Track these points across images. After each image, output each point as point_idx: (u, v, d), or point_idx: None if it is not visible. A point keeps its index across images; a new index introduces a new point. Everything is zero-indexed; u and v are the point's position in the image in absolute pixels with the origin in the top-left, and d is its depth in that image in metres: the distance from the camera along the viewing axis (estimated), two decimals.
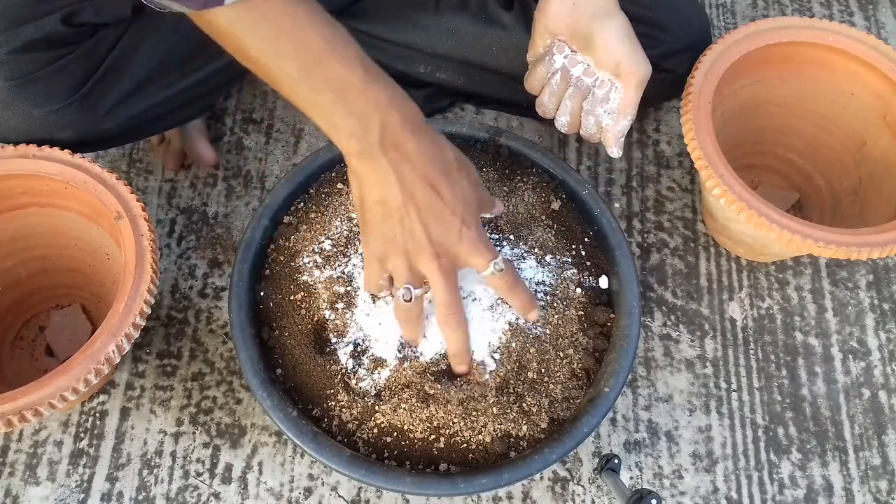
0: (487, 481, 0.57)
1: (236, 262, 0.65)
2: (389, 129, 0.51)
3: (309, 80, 0.50)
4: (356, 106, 0.50)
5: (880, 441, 0.75)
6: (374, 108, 0.51)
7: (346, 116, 0.51)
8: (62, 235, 0.72)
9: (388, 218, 0.54)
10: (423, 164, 0.52)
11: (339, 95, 0.50)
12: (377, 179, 0.52)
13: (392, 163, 0.52)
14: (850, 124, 0.78)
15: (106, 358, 0.58)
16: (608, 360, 0.63)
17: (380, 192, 0.53)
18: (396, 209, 0.53)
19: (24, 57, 0.62)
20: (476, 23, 0.79)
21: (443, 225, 0.53)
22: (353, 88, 0.50)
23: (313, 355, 0.62)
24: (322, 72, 0.50)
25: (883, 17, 1.02)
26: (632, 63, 0.63)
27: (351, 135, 0.51)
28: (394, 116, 0.51)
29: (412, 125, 0.52)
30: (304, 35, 0.49)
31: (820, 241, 0.64)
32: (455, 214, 0.54)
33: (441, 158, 0.54)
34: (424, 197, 0.53)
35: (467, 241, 0.54)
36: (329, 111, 0.51)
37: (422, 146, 0.52)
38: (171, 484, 0.70)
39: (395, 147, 0.52)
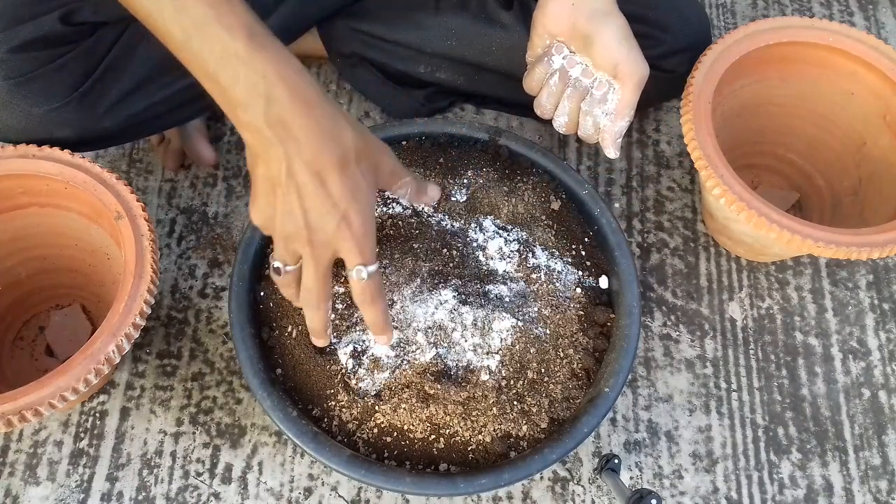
0: (487, 481, 0.57)
1: (236, 262, 0.65)
2: (276, 104, 0.49)
3: (191, 45, 0.48)
4: (240, 76, 0.48)
5: (880, 441, 0.75)
6: (259, 78, 0.48)
7: (232, 86, 0.48)
8: (62, 235, 0.72)
9: (271, 194, 0.52)
10: (311, 147, 0.50)
11: (222, 63, 0.48)
12: (264, 153, 0.50)
13: (279, 139, 0.49)
14: (850, 124, 0.78)
15: (106, 358, 0.58)
16: (608, 360, 0.63)
17: (266, 167, 0.51)
18: (279, 188, 0.51)
19: (23, 56, 0.62)
20: (476, 23, 0.79)
21: (321, 216, 0.51)
22: (237, 58, 0.48)
23: (313, 355, 0.62)
24: (204, 38, 0.48)
25: (883, 17, 1.02)
26: (630, 64, 0.63)
27: (237, 105, 0.49)
28: (280, 90, 0.48)
29: (304, 101, 0.49)
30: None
31: (820, 241, 0.64)
32: (336, 208, 0.51)
33: (335, 142, 0.50)
34: (306, 182, 0.50)
35: (344, 236, 0.52)
36: (214, 79, 0.49)
37: (311, 127, 0.49)
38: (171, 484, 0.70)
39: (282, 124, 0.49)
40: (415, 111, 0.86)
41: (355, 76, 0.88)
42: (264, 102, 0.48)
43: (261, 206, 0.53)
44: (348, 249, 0.52)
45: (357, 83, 0.89)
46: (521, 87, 0.82)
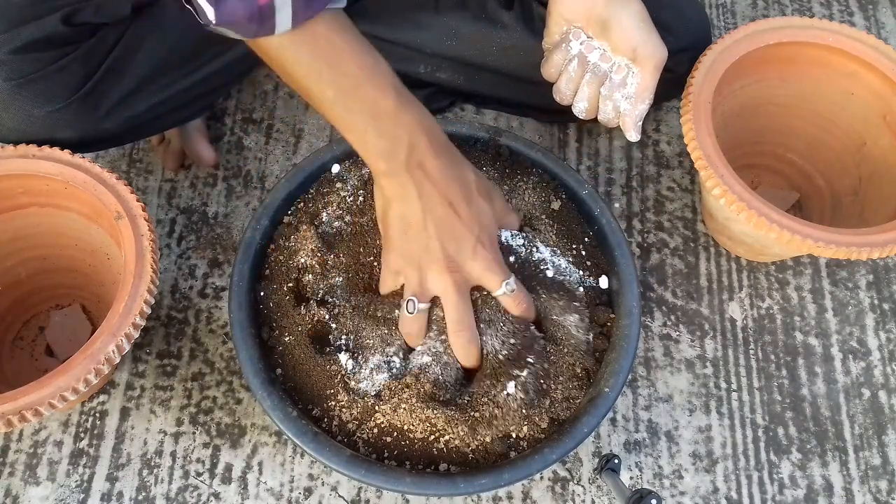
0: (487, 481, 0.57)
1: (236, 262, 0.65)
2: (416, 151, 0.55)
3: (344, 104, 0.54)
4: (387, 129, 0.54)
5: (880, 441, 0.75)
6: (403, 131, 0.54)
7: (378, 138, 0.54)
8: (62, 235, 0.72)
9: (406, 233, 0.57)
10: (444, 184, 0.56)
11: (373, 118, 0.54)
12: (400, 196, 0.56)
13: (415, 181, 0.55)
14: (850, 124, 0.78)
15: (106, 358, 0.58)
16: (608, 360, 0.63)
17: (401, 208, 0.56)
18: (415, 224, 0.56)
19: (24, 57, 0.62)
20: (476, 22, 0.79)
21: (458, 242, 0.57)
22: (386, 113, 0.54)
23: (313, 355, 0.62)
24: (357, 97, 0.54)
25: (883, 17, 1.02)
26: (648, 47, 0.64)
27: (380, 155, 0.55)
28: (421, 139, 0.55)
29: (437, 147, 0.56)
30: (342, 62, 0.53)
31: (820, 241, 0.64)
32: (471, 232, 0.57)
33: (462, 180, 0.57)
34: (443, 214, 0.56)
35: (481, 258, 0.57)
36: (362, 132, 0.54)
37: (444, 167, 0.56)
38: (171, 484, 0.70)
39: (420, 166, 0.55)
40: None
41: None
42: (407, 150, 0.55)
43: (396, 246, 0.58)
44: (487, 270, 0.58)
45: None
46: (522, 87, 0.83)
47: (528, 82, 0.81)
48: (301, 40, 0.52)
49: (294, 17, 0.50)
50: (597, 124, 0.90)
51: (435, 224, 0.56)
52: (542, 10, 0.78)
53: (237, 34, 0.51)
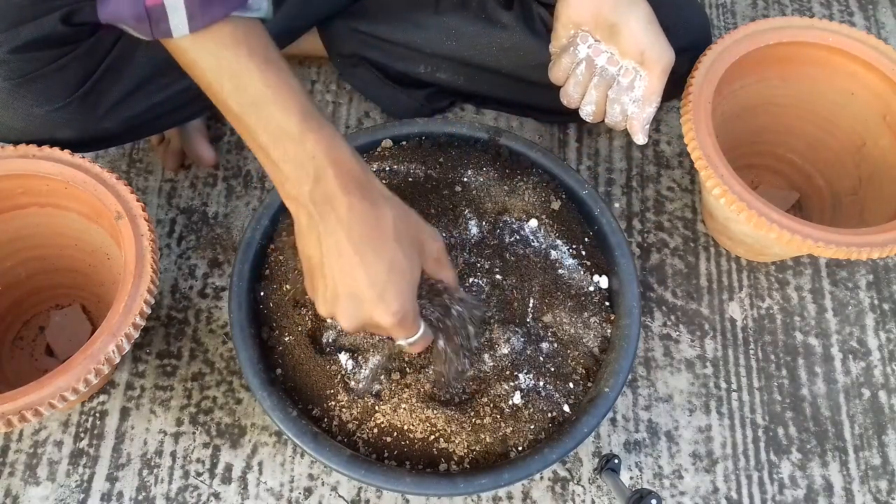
0: (487, 481, 0.57)
1: (236, 262, 0.65)
2: (322, 183, 0.50)
3: (246, 121, 0.50)
4: (291, 155, 0.50)
5: (880, 441, 0.75)
6: (308, 159, 0.50)
7: (282, 163, 0.50)
8: (62, 235, 0.72)
9: (311, 272, 0.53)
10: (352, 226, 0.50)
11: (275, 140, 0.50)
12: (305, 230, 0.52)
13: (321, 217, 0.50)
14: (850, 124, 0.78)
15: (106, 358, 0.58)
16: (608, 360, 0.63)
17: (305, 244, 0.52)
18: (318, 267, 0.51)
19: (23, 56, 0.62)
20: (476, 23, 0.79)
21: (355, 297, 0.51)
22: (290, 137, 0.50)
23: (313, 355, 0.62)
24: (260, 116, 0.50)
25: (883, 17, 1.02)
26: (656, 50, 0.64)
27: (285, 180, 0.51)
28: (328, 171, 0.50)
29: (348, 181, 0.50)
30: (245, 77, 0.49)
31: (820, 241, 0.64)
32: (373, 287, 0.50)
33: (376, 222, 0.50)
34: (344, 261, 0.50)
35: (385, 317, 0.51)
36: (266, 153, 0.51)
37: (354, 205, 0.50)
38: (171, 484, 0.70)
39: (327, 201, 0.50)
40: (415, 111, 0.87)
41: (355, 76, 0.88)
42: (312, 181, 0.50)
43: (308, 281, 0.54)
44: (388, 329, 0.52)
45: (357, 83, 0.89)
46: (521, 87, 0.82)
47: (528, 82, 0.81)
48: (202, 47, 0.49)
49: (190, 22, 0.48)
50: (597, 125, 0.90)
51: (333, 274, 0.51)
52: (542, 10, 0.78)
53: (135, 32, 0.50)
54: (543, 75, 0.76)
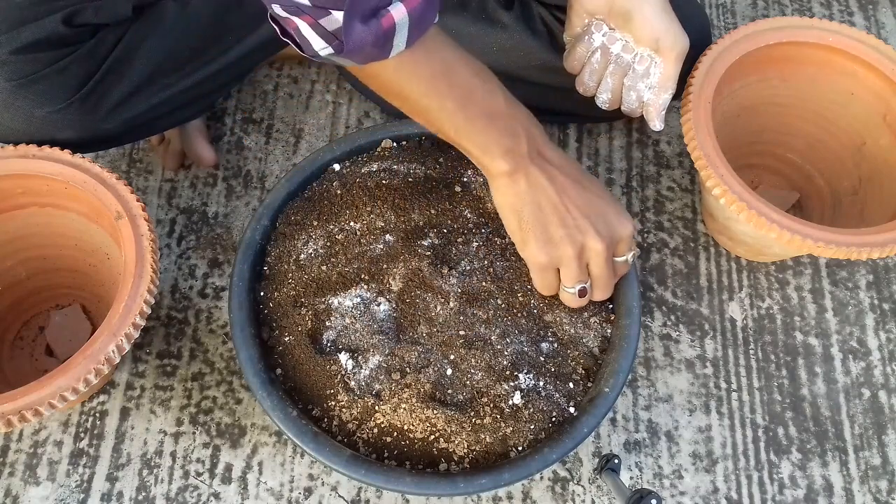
0: (487, 481, 0.57)
1: (236, 262, 0.65)
2: (534, 141, 0.58)
3: (465, 113, 0.56)
4: (506, 127, 0.57)
5: (880, 441, 0.75)
6: (520, 126, 0.57)
7: (501, 137, 0.56)
8: (62, 235, 0.72)
9: (548, 219, 0.58)
10: (566, 167, 0.59)
11: (490, 121, 0.56)
12: (531, 188, 0.58)
13: (541, 169, 0.58)
14: (850, 124, 0.78)
15: (106, 358, 0.58)
16: (608, 360, 0.63)
17: (535, 198, 0.58)
18: (554, 208, 0.58)
19: (25, 57, 0.62)
20: (476, 23, 0.79)
21: (602, 214, 0.59)
22: (501, 114, 0.56)
23: (313, 355, 0.62)
24: (475, 103, 0.56)
25: (883, 17, 1.02)
26: (670, 37, 0.65)
27: (505, 153, 0.57)
28: (534, 130, 0.58)
29: (547, 139, 0.59)
30: (455, 72, 0.55)
31: (820, 241, 0.64)
32: (610, 204, 0.60)
33: (577, 164, 0.61)
34: (577, 192, 0.58)
35: (628, 226, 0.60)
36: (484, 136, 0.56)
37: (561, 155, 0.59)
38: (171, 484, 0.70)
39: (541, 155, 0.58)
40: None
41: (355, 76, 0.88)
42: (527, 142, 0.57)
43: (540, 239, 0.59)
44: (629, 237, 0.60)
45: (357, 83, 0.89)
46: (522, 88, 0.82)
47: (528, 82, 0.81)
48: (417, 59, 0.53)
49: (409, 37, 0.50)
50: (597, 125, 0.90)
51: (574, 203, 0.58)
52: (542, 10, 0.78)
53: (350, 62, 0.51)
54: (543, 75, 0.76)
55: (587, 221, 0.58)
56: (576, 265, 0.59)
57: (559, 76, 0.72)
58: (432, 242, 0.65)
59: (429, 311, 0.63)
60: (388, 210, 0.67)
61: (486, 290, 0.64)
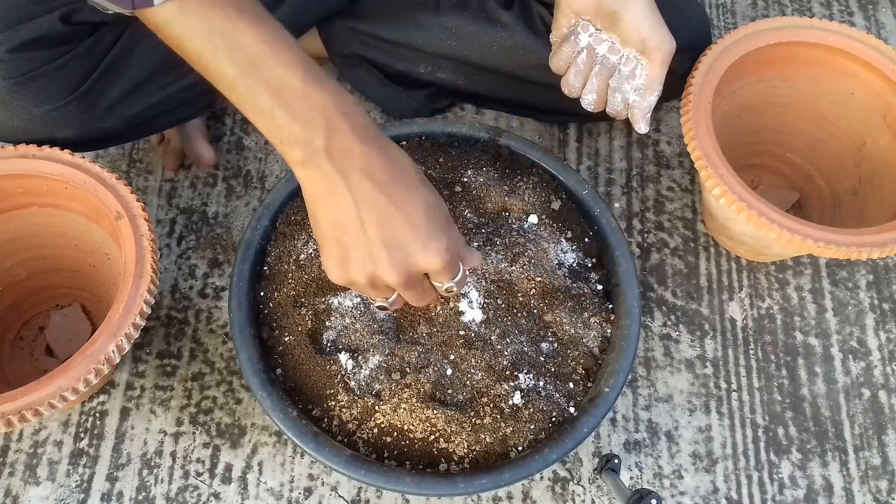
0: (487, 481, 0.57)
1: (236, 262, 0.65)
2: (336, 136, 0.47)
3: (245, 82, 0.47)
4: (298, 111, 0.47)
5: (880, 441, 0.75)
6: (318, 113, 0.47)
7: (289, 122, 0.47)
8: (62, 235, 0.72)
9: (342, 237, 0.49)
10: (377, 172, 0.48)
11: (279, 99, 0.47)
12: (326, 192, 0.48)
13: (341, 172, 0.47)
14: (850, 124, 0.78)
15: (106, 358, 0.58)
16: (608, 360, 0.63)
17: (331, 206, 0.49)
18: (351, 226, 0.48)
19: (23, 55, 0.62)
20: (476, 22, 0.79)
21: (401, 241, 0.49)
22: (295, 92, 0.47)
23: (313, 355, 0.62)
24: (260, 74, 0.47)
25: (883, 17, 1.02)
26: (657, 39, 0.64)
27: (294, 142, 0.47)
28: (340, 122, 0.47)
29: (363, 133, 0.48)
30: (238, 35, 0.47)
31: (820, 241, 0.64)
32: (417, 228, 0.49)
33: (399, 169, 0.49)
34: (378, 208, 0.48)
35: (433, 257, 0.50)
36: (269, 116, 0.47)
37: (373, 155, 0.48)
38: (171, 484, 0.70)
39: (344, 155, 0.47)
40: (415, 111, 0.87)
41: (355, 76, 0.88)
42: (324, 134, 0.47)
43: (334, 254, 0.50)
44: (438, 269, 0.50)
45: (357, 83, 0.89)
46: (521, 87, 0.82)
47: (528, 82, 0.81)
48: (190, 10, 0.47)
49: None
50: (597, 124, 0.90)
51: (372, 221, 0.48)
52: (541, 9, 0.78)
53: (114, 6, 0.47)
54: (543, 75, 0.76)
55: (383, 249, 0.48)
56: (369, 289, 0.52)
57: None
58: None
59: (429, 310, 0.63)
60: None
61: (486, 289, 0.64)
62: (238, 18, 0.47)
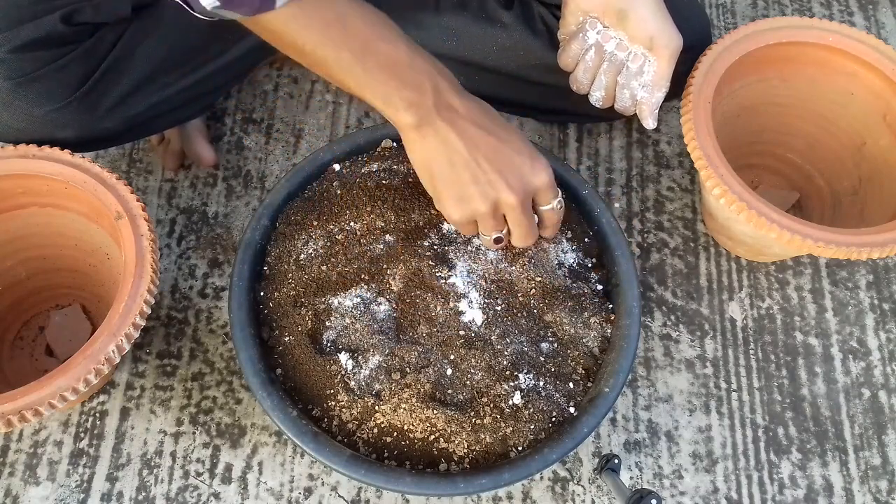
0: (487, 481, 0.57)
1: (236, 262, 0.65)
2: (441, 94, 0.56)
3: (362, 63, 0.54)
4: (408, 78, 0.55)
5: (880, 441, 0.75)
6: (424, 77, 0.55)
7: (402, 89, 0.55)
8: (62, 235, 0.72)
9: (459, 176, 0.57)
10: (476, 117, 0.57)
11: (392, 72, 0.54)
12: (440, 142, 0.57)
13: (450, 123, 0.56)
14: (850, 124, 0.78)
15: (106, 358, 0.58)
16: (608, 360, 0.63)
17: (445, 153, 0.57)
18: (465, 164, 0.57)
19: (24, 56, 0.62)
20: (476, 22, 0.79)
21: (513, 166, 0.58)
22: (402, 64, 0.55)
23: (313, 355, 0.62)
24: (372, 53, 0.54)
25: (883, 17, 1.02)
26: (664, 36, 0.65)
27: (409, 106, 0.55)
28: (442, 82, 0.56)
29: (458, 88, 0.57)
30: (350, 23, 0.53)
31: (820, 241, 0.64)
32: (522, 153, 0.58)
33: (491, 114, 0.59)
34: (487, 144, 0.57)
35: (540, 173, 0.59)
36: (384, 89, 0.55)
37: (469, 103, 0.57)
38: (171, 484, 0.70)
39: (449, 108, 0.56)
40: None
41: None
42: (433, 94, 0.56)
43: (454, 192, 0.58)
44: (546, 186, 0.59)
45: None
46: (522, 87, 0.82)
47: (528, 82, 0.81)
48: (308, 8, 0.52)
49: None
50: (597, 124, 0.90)
51: (485, 157, 0.57)
52: (542, 9, 0.78)
53: (237, 14, 0.51)
54: (544, 75, 0.76)
55: (499, 176, 0.57)
56: (491, 219, 0.59)
57: (559, 76, 0.72)
58: (432, 242, 0.65)
59: (429, 311, 0.63)
60: (389, 210, 0.67)
61: (486, 290, 0.64)
62: (347, 10, 0.54)
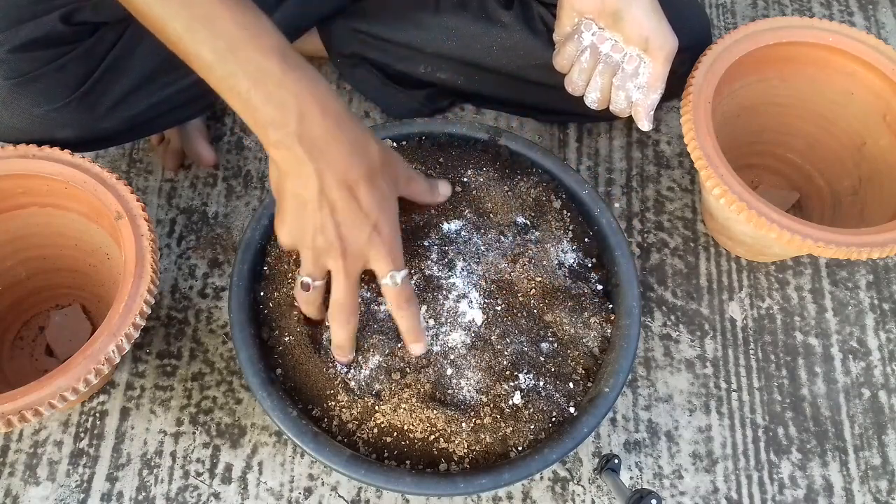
0: (487, 481, 0.57)
1: (236, 262, 0.65)
2: (308, 121, 0.50)
3: (224, 67, 0.50)
4: (274, 95, 0.50)
5: (880, 441, 0.75)
6: (292, 97, 0.50)
7: (264, 105, 0.50)
8: (62, 235, 0.72)
9: (302, 211, 0.53)
10: (342, 162, 0.52)
11: (256, 84, 0.50)
12: (295, 171, 0.52)
13: (310, 156, 0.51)
14: (850, 124, 0.78)
15: (106, 358, 0.58)
16: (608, 360, 0.63)
17: (297, 184, 0.52)
18: (311, 203, 0.53)
19: (23, 55, 0.62)
20: (476, 22, 0.79)
21: (354, 227, 0.54)
22: (271, 78, 0.50)
23: (313, 355, 0.62)
24: (237, 59, 0.49)
25: (883, 17, 1.02)
26: (660, 38, 0.65)
27: (268, 124, 0.51)
28: (313, 108, 0.50)
29: (334, 119, 0.51)
30: (218, 20, 0.49)
31: (820, 241, 0.64)
32: (367, 218, 0.54)
33: (363, 157, 0.53)
34: (339, 197, 0.52)
35: (375, 245, 0.55)
36: (245, 99, 0.50)
37: (343, 142, 0.52)
38: (171, 484, 0.70)
39: (314, 140, 0.51)
40: (415, 111, 0.87)
41: (355, 76, 0.88)
42: (296, 120, 0.50)
43: (290, 224, 0.55)
44: (380, 257, 0.55)
45: (357, 83, 0.89)
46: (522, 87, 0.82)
47: (528, 82, 0.81)
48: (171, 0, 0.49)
49: None
50: (596, 124, 0.90)
51: (330, 207, 0.53)
52: (542, 9, 0.78)
53: None
54: (543, 75, 0.76)
55: (334, 229, 0.53)
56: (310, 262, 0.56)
57: (559, 76, 0.72)
58: (432, 242, 0.65)
59: (429, 310, 0.63)
60: None
61: (486, 290, 0.64)
62: (218, 4, 0.49)
